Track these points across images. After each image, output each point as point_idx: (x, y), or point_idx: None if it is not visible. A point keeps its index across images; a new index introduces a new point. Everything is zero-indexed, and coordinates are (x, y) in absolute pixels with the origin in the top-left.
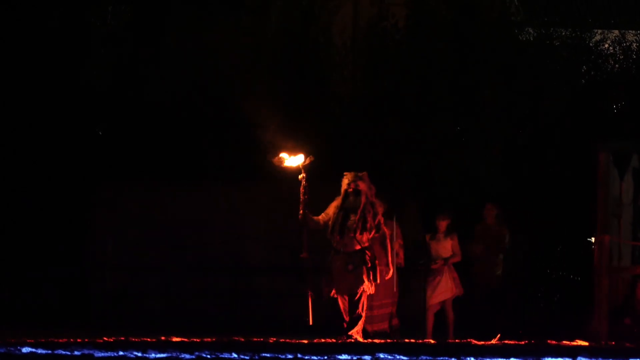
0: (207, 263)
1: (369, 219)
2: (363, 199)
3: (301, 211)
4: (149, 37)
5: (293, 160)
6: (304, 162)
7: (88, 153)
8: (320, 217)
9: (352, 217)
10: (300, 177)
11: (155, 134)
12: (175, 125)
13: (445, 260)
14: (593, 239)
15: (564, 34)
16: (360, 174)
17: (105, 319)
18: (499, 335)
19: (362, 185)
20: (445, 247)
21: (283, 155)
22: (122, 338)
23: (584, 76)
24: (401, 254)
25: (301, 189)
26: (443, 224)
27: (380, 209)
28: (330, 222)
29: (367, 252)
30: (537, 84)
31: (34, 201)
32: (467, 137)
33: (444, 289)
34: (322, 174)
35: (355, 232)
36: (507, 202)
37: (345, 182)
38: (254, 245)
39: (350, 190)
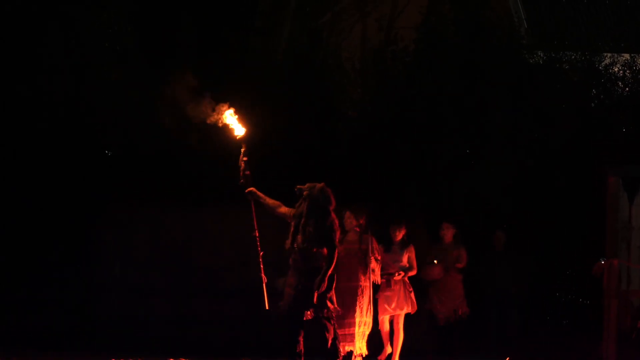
0: (215, 286)
1: (310, 228)
2: (306, 207)
3: (242, 180)
4: (158, 59)
5: (236, 127)
6: (242, 135)
7: (97, 174)
8: (281, 206)
9: (308, 229)
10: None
11: (164, 156)
12: (184, 147)
13: (404, 269)
14: (603, 262)
15: (573, 57)
16: (315, 185)
17: (111, 342)
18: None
19: (315, 193)
20: (400, 259)
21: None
22: None
23: (593, 99)
24: (377, 271)
25: (241, 163)
26: (398, 235)
27: (354, 222)
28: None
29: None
30: (547, 107)
31: (41, 221)
32: (476, 160)
33: (396, 304)
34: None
35: (304, 244)
36: (516, 225)
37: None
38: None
39: (306, 192)
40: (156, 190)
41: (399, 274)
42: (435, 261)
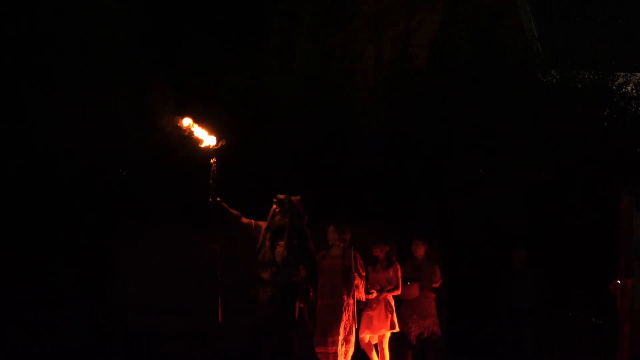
0: (228, 304)
1: (295, 241)
2: (288, 220)
3: (210, 198)
4: (174, 79)
5: (206, 138)
6: (216, 145)
7: (111, 194)
8: (242, 217)
9: (280, 243)
10: (211, 160)
11: (175, 175)
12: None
13: (380, 290)
14: (619, 281)
15: (586, 76)
16: (292, 197)
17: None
18: None
19: (296, 206)
20: (385, 278)
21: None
22: None
23: (606, 119)
24: (362, 288)
25: (211, 174)
26: (381, 254)
27: (337, 236)
28: (258, 245)
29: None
30: (560, 126)
31: (53, 238)
32: (489, 179)
33: (377, 324)
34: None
35: (290, 258)
36: (529, 245)
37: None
38: None
39: (278, 208)
40: (168, 209)
41: (372, 293)
42: (408, 282)
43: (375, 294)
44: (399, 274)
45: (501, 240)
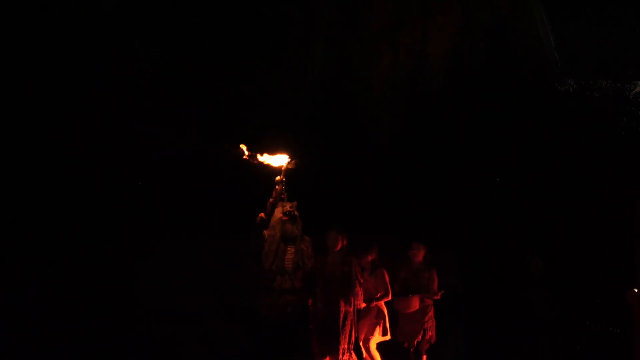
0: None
1: (304, 246)
2: (299, 228)
3: (262, 215)
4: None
5: (273, 159)
6: (287, 165)
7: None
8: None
9: (290, 250)
10: (277, 178)
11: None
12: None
13: (370, 300)
14: (636, 290)
15: (604, 85)
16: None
17: None
18: None
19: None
20: (373, 286)
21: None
22: None
23: (624, 127)
24: (360, 295)
25: (274, 192)
26: (366, 261)
27: (339, 243)
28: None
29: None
30: (577, 135)
31: (77, 245)
32: (507, 188)
33: (364, 329)
34: (359, 227)
35: (303, 264)
36: (546, 253)
37: (280, 209)
38: None
39: (292, 214)
40: (186, 220)
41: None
42: (409, 295)
43: (364, 305)
44: (387, 278)
45: (518, 248)
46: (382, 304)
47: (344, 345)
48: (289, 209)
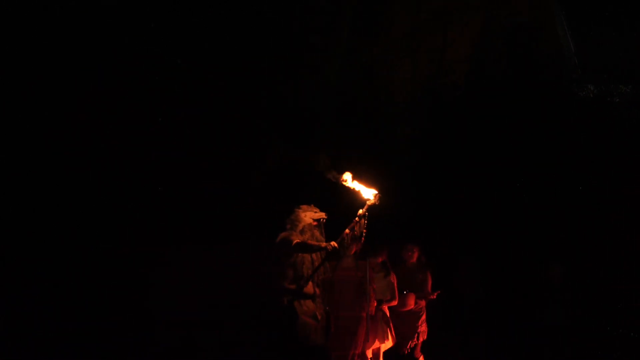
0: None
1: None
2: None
3: (335, 244)
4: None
5: (363, 190)
6: (372, 200)
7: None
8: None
9: (314, 257)
10: (360, 212)
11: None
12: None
13: (380, 302)
14: None
15: (624, 90)
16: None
17: None
18: None
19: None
20: (381, 288)
21: (348, 178)
22: None
23: None
24: (372, 301)
25: (355, 226)
26: (375, 263)
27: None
28: (291, 260)
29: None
30: (597, 141)
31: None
32: (527, 193)
33: (372, 337)
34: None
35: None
36: (566, 259)
37: (311, 214)
38: None
39: (322, 221)
40: (202, 228)
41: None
42: (405, 292)
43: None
44: (395, 284)
45: (537, 254)
46: (385, 308)
47: (354, 351)
48: (324, 217)
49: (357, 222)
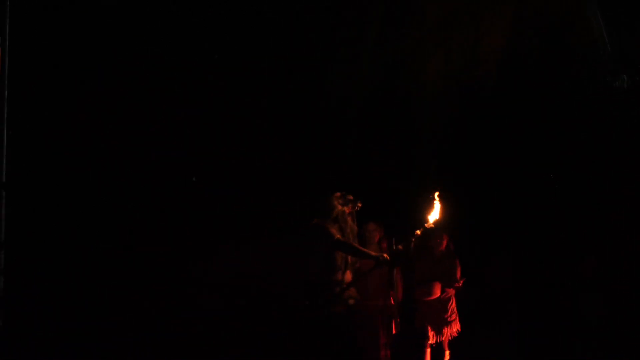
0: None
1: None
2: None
3: (401, 247)
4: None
5: (435, 211)
6: (431, 224)
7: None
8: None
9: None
10: (417, 232)
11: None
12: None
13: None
14: None
15: None
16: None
17: None
18: None
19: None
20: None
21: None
22: None
23: None
24: (400, 289)
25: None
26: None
27: (377, 235)
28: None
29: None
30: (631, 131)
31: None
32: (560, 186)
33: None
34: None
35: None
36: (600, 255)
37: (344, 201)
38: None
39: (356, 209)
40: (238, 223)
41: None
42: (430, 282)
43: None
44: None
45: (570, 248)
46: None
47: (383, 340)
48: (359, 204)
49: (412, 240)
